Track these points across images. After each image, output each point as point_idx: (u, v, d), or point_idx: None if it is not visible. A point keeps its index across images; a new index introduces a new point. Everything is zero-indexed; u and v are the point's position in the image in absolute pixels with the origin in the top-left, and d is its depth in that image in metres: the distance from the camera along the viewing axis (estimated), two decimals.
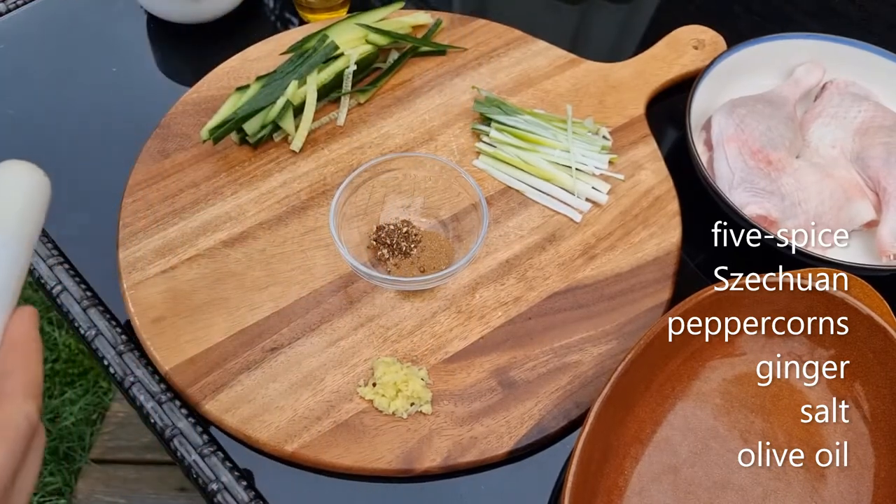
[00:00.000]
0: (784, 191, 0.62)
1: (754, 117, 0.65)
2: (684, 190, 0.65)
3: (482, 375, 0.55)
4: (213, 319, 0.56)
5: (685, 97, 0.67)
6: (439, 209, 0.62)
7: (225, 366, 0.54)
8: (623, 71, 0.74)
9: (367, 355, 0.55)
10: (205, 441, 0.52)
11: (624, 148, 0.68)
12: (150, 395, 0.54)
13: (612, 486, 0.49)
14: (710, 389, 0.53)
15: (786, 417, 0.51)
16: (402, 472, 0.51)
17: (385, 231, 0.60)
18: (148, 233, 0.60)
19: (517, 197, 0.65)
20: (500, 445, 0.52)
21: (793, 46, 0.73)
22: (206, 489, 0.51)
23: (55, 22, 0.78)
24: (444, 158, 0.61)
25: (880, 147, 0.65)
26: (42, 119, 0.70)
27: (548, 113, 0.69)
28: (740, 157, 0.63)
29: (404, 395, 0.52)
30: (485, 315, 0.58)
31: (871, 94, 0.71)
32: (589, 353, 0.56)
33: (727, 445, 0.51)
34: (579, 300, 0.59)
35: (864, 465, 0.50)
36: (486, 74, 0.73)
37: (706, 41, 0.76)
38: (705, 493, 0.49)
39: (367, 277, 0.56)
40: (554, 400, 0.54)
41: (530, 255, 0.61)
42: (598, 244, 0.62)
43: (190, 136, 0.67)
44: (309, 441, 0.51)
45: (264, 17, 0.80)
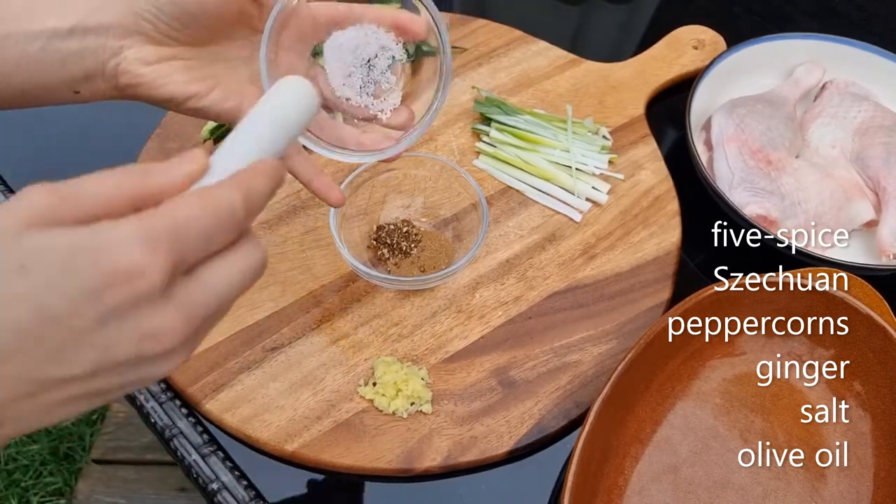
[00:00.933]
0: (784, 191, 0.62)
1: (754, 117, 0.65)
2: (684, 190, 0.65)
3: (482, 375, 0.55)
4: None
5: (685, 97, 0.67)
6: (439, 209, 0.62)
7: (225, 365, 0.54)
8: (623, 71, 0.74)
9: (368, 355, 0.55)
10: (205, 441, 0.52)
11: (624, 148, 0.68)
12: (151, 394, 0.54)
13: (612, 486, 0.49)
14: (710, 389, 0.53)
15: (786, 417, 0.51)
16: (402, 471, 0.51)
17: (385, 231, 0.60)
18: None
19: (517, 197, 0.65)
20: (500, 445, 0.52)
21: (793, 46, 0.73)
22: (206, 489, 0.51)
23: None
24: (445, 158, 0.61)
25: (880, 147, 0.65)
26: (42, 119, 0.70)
27: (548, 113, 0.69)
28: (740, 156, 0.64)
29: (404, 394, 0.52)
30: (485, 315, 0.58)
31: (870, 94, 0.71)
32: (589, 352, 0.56)
33: (727, 445, 0.51)
34: (579, 300, 0.59)
35: (864, 465, 0.50)
36: (486, 74, 0.73)
37: (706, 41, 0.76)
38: (705, 492, 0.49)
39: (367, 277, 0.56)
40: (554, 399, 0.54)
41: (530, 255, 0.61)
42: (598, 244, 0.62)
43: (190, 135, 0.67)
44: (309, 441, 0.51)
45: None
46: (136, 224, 0.27)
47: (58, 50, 0.42)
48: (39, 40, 0.42)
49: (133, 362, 0.28)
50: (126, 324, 0.27)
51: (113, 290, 0.27)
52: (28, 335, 0.26)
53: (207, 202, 0.29)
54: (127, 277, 0.27)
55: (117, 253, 0.27)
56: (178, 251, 0.28)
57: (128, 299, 0.27)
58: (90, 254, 0.27)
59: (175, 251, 0.28)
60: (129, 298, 0.27)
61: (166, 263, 0.27)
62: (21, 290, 0.26)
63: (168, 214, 0.28)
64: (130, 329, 0.27)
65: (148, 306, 0.27)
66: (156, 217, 0.28)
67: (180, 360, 0.30)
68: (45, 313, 0.26)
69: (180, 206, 0.29)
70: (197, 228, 0.29)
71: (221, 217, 0.29)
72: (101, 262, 0.27)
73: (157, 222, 0.28)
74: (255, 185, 0.31)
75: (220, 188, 0.30)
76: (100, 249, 0.27)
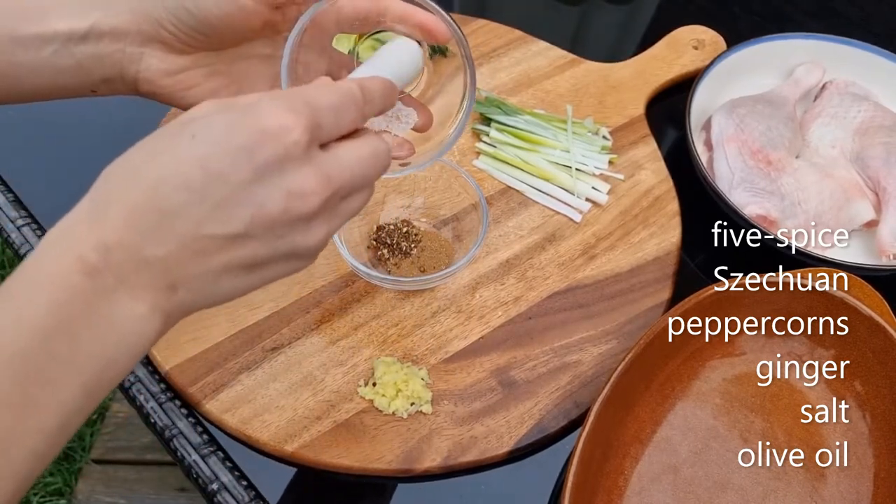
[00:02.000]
0: (784, 191, 0.62)
1: (754, 117, 0.65)
2: (684, 190, 0.65)
3: (482, 375, 0.55)
4: (214, 319, 0.56)
5: (685, 97, 0.67)
6: (439, 209, 0.62)
7: (225, 365, 0.54)
8: (623, 71, 0.74)
9: (368, 355, 0.55)
10: (205, 441, 0.52)
11: (624, 148, 0.68)
12: (151, 394, 0.54)
13: (612, 486, 0.49)
14: (710, 389, 0.53)
15: (786, 417, 0.51)
16: (402, 471, 0.51)
17: (385, 231, 0.60)
18: None
19: (517, 197, 0.65)
20: (500, 445, 0.52)
21: (793, 46, 0.73)
22: (206, 489, 0.51)
23: None
24: (445, 158, 0.61)
25: (880, 147, 0.65)
26: (42, 119, 0.70)
27: (548, 113, 0.69)
28: (740, 157, 0.64)
29: (404, 394, 0.52)
30: (485, 315, 0.58)
31: (870, 94, 0.71)
32: (589, 352, 0.56)
33: (727, 445, 0.51)
34: (579, 300, 0.59)
35: (864, 465, 0.50)
36: (486, 74, 0.73)
37: (706, 41, 0.76)
38: (705, 492, 0.49)
39: (367, 277, 0.56)
40: (554, 400, 0.54)
41: (530, 255, 0.61)
42: (598, 244, 0.62)
43: None
44: (309, 441, 0.51)
45: None
46: (281, 97, 0.34)
47: (73, 54, 0.42)
48: (53, 44, 0.42)
49: (282, 223, 0.33)
50: (275, 180, 0.32)
51: (265, 146, 0.32)
52: (195, 192, 0.31)
53: (333, 86, 0.36)
54: (276, 134, 0.32)
55: (268, 116, 0.32)
56: (314, 117, 0.33)
57: (277, 155, 0.32)
58: (247, 118, 0.32)
59: (313, 117, 0.33)
60: (277, 154, 0.32)
61: (308, 123, 0.33)
62: (191, 152, 0.32)
63: (304, 91, 0.35)
64: (279, 185, 0.32)
65: (293, 165, 0.33)
66: (295, 93, 0.34)
67: (324, 235, 0.35)
68: (210, 170, 0.31)
69: (312, 87, 0.36)
70: (326, 101, 0.34)
71: (344, 96, 0.35)
72: (255, 124, 0.32)
73: (297, 96, 0.34)
74: (371, 83, 0.38)
75: (342, 81, 0.37)
76: (254, 115, 0.32)
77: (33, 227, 0.62)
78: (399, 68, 0.43)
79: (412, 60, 0.44)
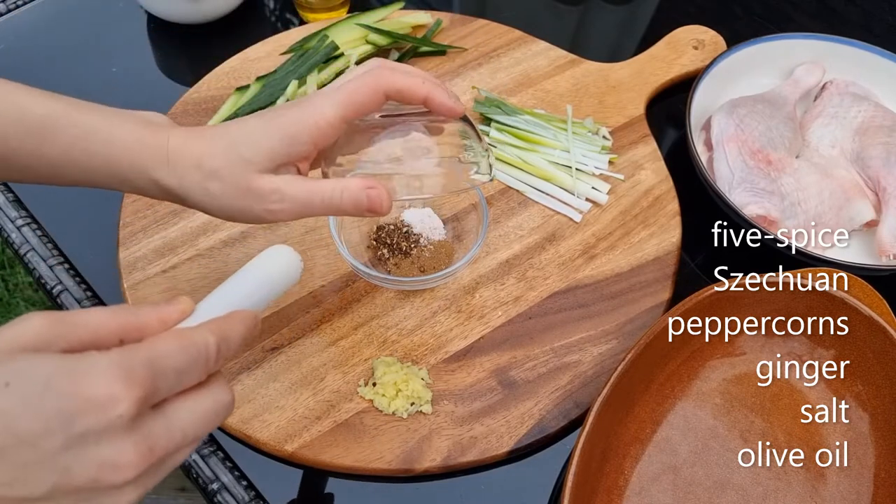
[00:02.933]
0: (784, 191, 0.62)
1: (754, 117, 0.65)
2: (684, 190, 0.65)
3: (482, 375, 0.55)
4: None
5: (685, 97, 0.67)
6: (439, 209, 0.62)
7: (225, 365, 0.54)
8: (623, 71, 0.74)
9: (368, 355, 0.55)
10: (205, 441, 0.52)
11: (624, 148, 0.68)
12: None
13: (612, 486, 0.49)
14: (710, 389, 0.53)
15: (786, 417, 0.51)
16: (402, 471, 0.51)
17: (385, 231, 0.60)
18: (148, 232, 0.60)
19: (517, 197, 0.65)
20: (501, 445, 0.52)
21: (793, 46, 0.73)
22: (206, 489, 0.51)
23: (55, 22, 0.78)
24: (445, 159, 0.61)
25: (880, 147, 0.65)
26: None
27: (548, 113, 0.69)
28: (740, 157, 0.63)
29: (404, 394, 0.52)
30: (485, 315, 0.58)
31: (871, 94, 0.71)
32: (589, 352, 0.56)
33: (727, 445, 0.51)
34: (579, 300, 0.59)
35: (864, 465, 0.50)
36: (486, 74, 0.73)
37: (706, 41, 0.76)
38: (705, 492, 0.49)
39: (367, 277, 0.56)
40: (554, 400, 0.54)
41: (530, 255, 0.61)
42: (598, 244, 0.62)
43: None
44: (309, 441, 0.51)
45: (264, 17, 0.80)
46: (117, 355, 0.29)
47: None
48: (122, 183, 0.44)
49: (89, 489, 0.29)
50: (89, 450, 0.28)
51: (85, 417, 0.28)
52: None
53: (184, 341, 0.32)
54: (101, 405, 0.28)
55: (97, 381, 0.28)
56: (151, 384, 0.30)
57: (97, 427, 0.28)
58: (70, 378, 0.28)
59: (150, 384, 0.30)
60: (98, 426, 0.28)
61: (142, 394, 0.29)
62: (1, 404, 0.28)
63: (147, 348, 0.30)
64: (92, 455, 0.29)
65: (112, 435, 0.29)
66: (135, 350, 0.30)
67: (136, 496, 0.31)
68: (18, 432, 0.28)
69: (159, 342, 0.31)
70: (172, 364, 0.31)
71: (195, 356, 0.31)
72: (81, 388, 0.28)
73: (136, 355, 0.30)
74: (230, 330, 0.34)
75: (198, 329, 0.33)
76: (80, 375, 0.28)
77: (33, 227, 0.62)
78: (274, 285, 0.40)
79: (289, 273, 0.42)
